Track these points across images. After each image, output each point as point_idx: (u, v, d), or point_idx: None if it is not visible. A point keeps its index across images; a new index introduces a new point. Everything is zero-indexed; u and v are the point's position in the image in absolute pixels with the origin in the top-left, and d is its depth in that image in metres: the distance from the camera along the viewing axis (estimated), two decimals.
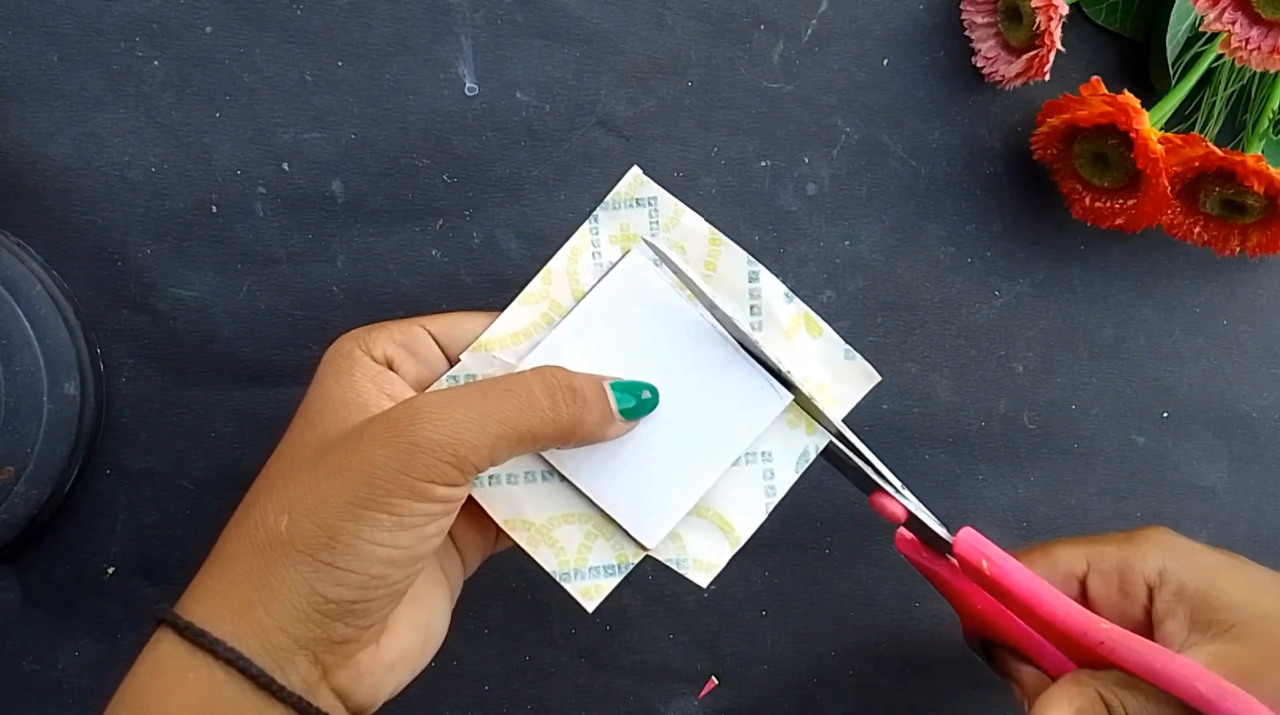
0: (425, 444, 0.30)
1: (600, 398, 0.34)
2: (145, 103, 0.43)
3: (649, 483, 0.36)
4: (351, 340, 0.34)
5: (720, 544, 0.37)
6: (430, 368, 0.35)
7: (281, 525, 0.30)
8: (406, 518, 0.30)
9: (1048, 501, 0.48)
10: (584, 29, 0.45)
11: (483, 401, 0.31)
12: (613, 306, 0.37)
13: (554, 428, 0.32)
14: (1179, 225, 0.45)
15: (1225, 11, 0.39)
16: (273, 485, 0.32)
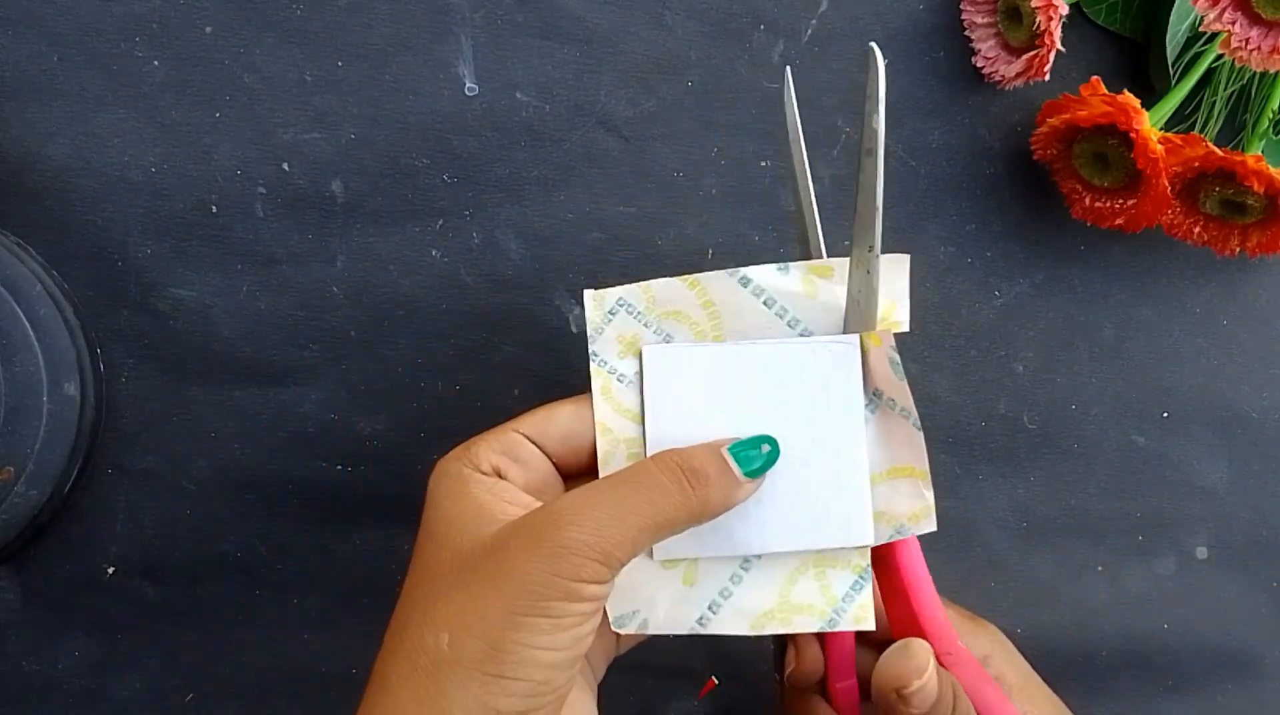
0: (573, 545, 0.31)
1: (721, 467, 0.34)
2: (145, 103, 0.43)
3: (817, 495, 0.36)
4: (455, 461, 0.35)
5: (913, 488, 0.37)
6: (534, 469, 0.35)
7: (444, 644, 0.31)
8: (563, 620, 0.30)
9: (1048, 501, 0.48)
10: (584, 29, 0.45)
11: (616, 497, 0.32)
12: (671, 396, 0.36)
13: (686, 511, 0.33)
14: (1179, 225, 0.45)
15: (1225, 11, 0.39)
16: (423, 607, 0.32)
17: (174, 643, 0.45)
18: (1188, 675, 0.49)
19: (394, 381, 0.45)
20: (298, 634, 0.45)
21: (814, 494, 0.36)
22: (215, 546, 0.45)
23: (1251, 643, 0.49)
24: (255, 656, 0.45)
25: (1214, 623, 0.49)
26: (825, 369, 0.36)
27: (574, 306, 0.45)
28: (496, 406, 0.45)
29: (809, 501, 0.36)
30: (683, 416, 0.36)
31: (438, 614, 0.31)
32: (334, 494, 0.45)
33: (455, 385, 0.45)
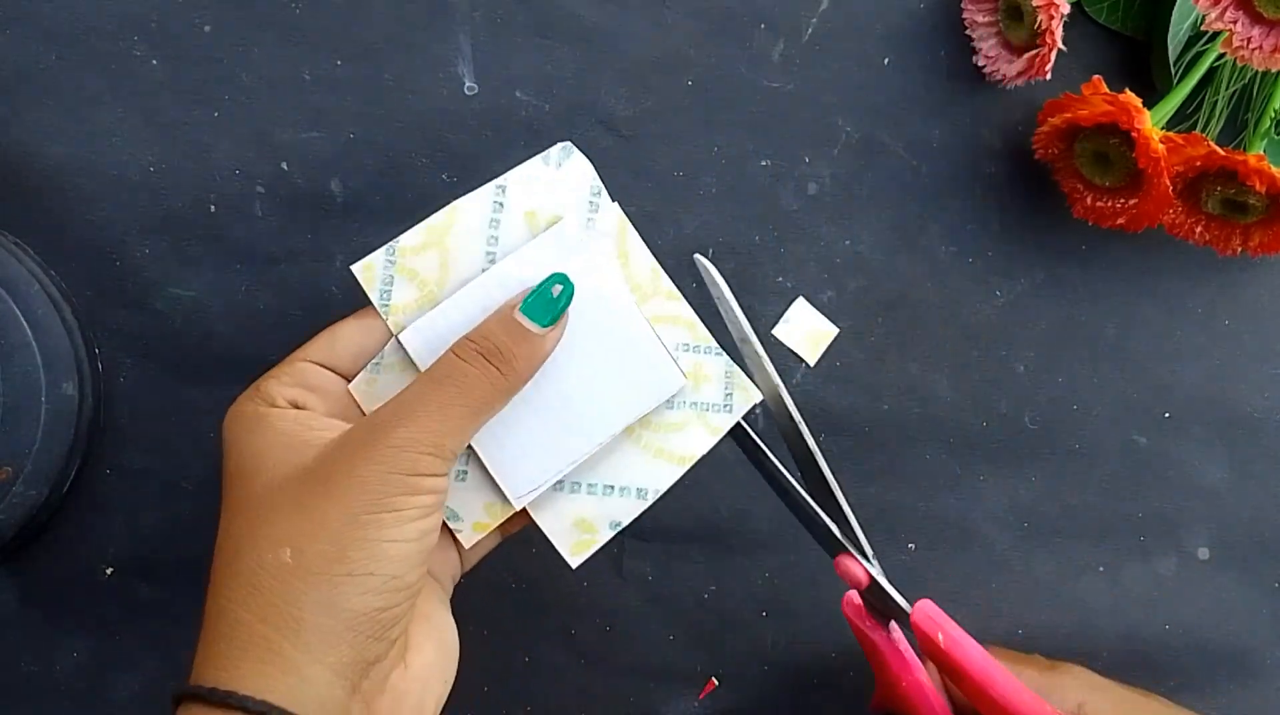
0: (404, 443, 0.31)
1: (518, 334, 0.34)
2: (143, 102, 0.43)
3: (531, 441, 0.36)
4: (248, 401, 0.34)
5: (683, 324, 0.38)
6: (331, 395, 0.35)
7: (285, 557, 0.31)
8: (406, 511, 0.31)
9: (1049, 501, 0.48)
10: (584, 28, 0.45)
11: (432, 395, 0.33)
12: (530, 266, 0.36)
13: (500, 389, 0.34)
14: (1180, 225, 0.45)
15: (1227, 11, 0.39)
16: (252, 531, 0.32)
17: (171, 642, 0.44)
18: (1189, 675, 0.49)
19: None
20: None
21: (616, 367, 0.37)
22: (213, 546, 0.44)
23: (1252, 643, 0.49)
24: None
25: (1215, 623, 0.49)
26: (563, 252, 0.37)
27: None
28: None
29: (614, 375, 0.37)
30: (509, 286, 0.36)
31: (273, 532, 0.31)
32: None
33: None
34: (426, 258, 0.36)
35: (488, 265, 0.37)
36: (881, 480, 0.47)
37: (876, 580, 0.39)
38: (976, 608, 0.48)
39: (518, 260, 0.36)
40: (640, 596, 0.46)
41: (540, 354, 0.35)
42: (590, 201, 0.37)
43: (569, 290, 0.35)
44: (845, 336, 0.47)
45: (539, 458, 0.36)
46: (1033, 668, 0.41)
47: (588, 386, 0.36)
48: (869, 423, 0.47)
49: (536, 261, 0.36)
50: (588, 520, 0.37)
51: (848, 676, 0.47)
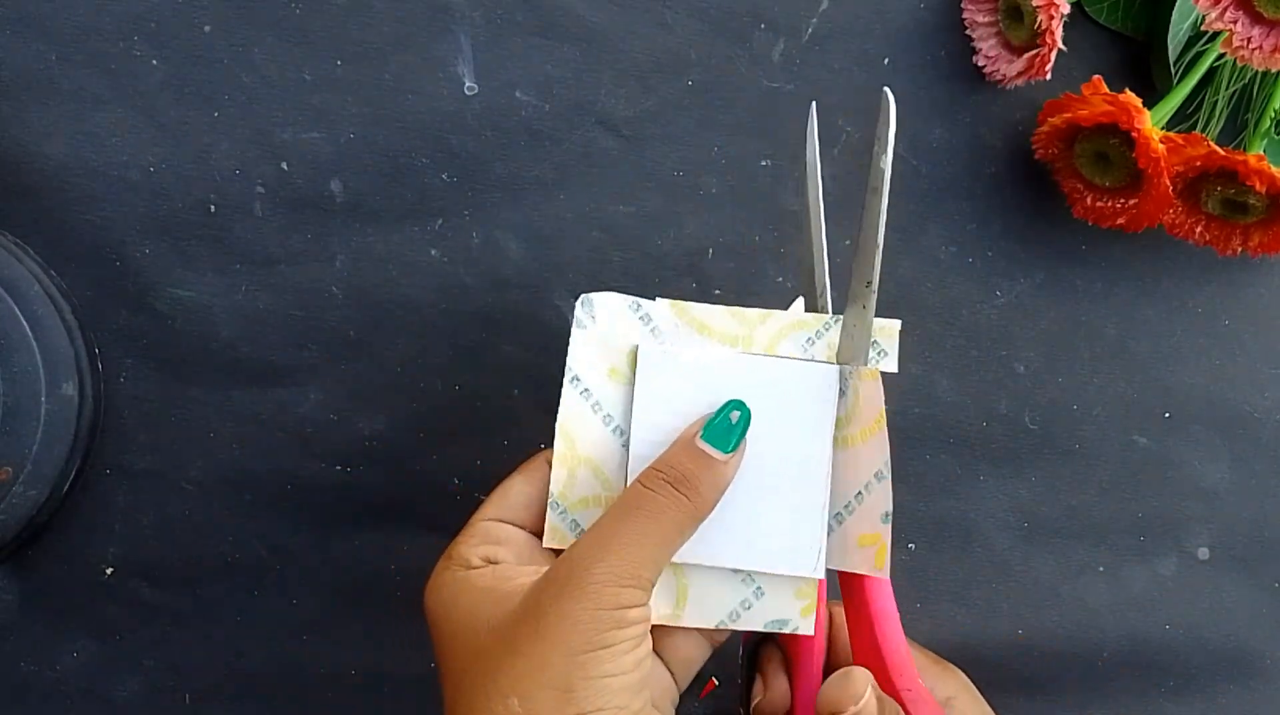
0: (605, 579, 0.32)
1: (702, 461, 0.35)
2: (144, 102, 0.43)
3: (773, 516, 0.36)
4: (444, 570, 0.35)
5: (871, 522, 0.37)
6: (518, 543, 0.36)
7: (514, 707, 0.31)
8: (619, 646, 0.32)
9: (1049, 502, 0.48)
10: (584, 28, 0.45)
11: (626, 527, 0.33)
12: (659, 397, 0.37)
13: (688, 516, 0.34)
14: (1181, 225, 0.45)
15: (1227, 11, 0.39)
16: (475, 688, 0.32)
17: (172, 643, 0.44)
18: (1189, 676, 0.49)
19: (393, 381, 0.45)
20: (296, 634, 0.45)
21: (771, 514, 0.36)
22: (214, 547, 0.45)
23: (1253, 643, 0.49)
24: (254, 657, 0.45)
25: (1216, 623, 0.49)
26: (804, 389, 0.37)
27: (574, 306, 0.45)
28: (495, 406, 0.45)
29: (764, 521, 0.36)
30: (667, 416, 0.36)
31: (496, 686, 0.32)
32: (333, 494, 0.45)
33: (454, 385, 0.45)
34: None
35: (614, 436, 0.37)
36: None
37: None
38: (976, 608, 0.48)
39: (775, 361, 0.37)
40: None
41: (724, 480, 0.35)
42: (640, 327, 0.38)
43: (746, 416, 0.36)
44: None
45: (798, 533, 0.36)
46: (921, 654, 0.42)
47: (780, 444, 0.36)
48: None
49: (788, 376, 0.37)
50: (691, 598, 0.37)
51: None
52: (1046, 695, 0.48)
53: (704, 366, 0.37)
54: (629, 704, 0.32)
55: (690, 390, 0.37)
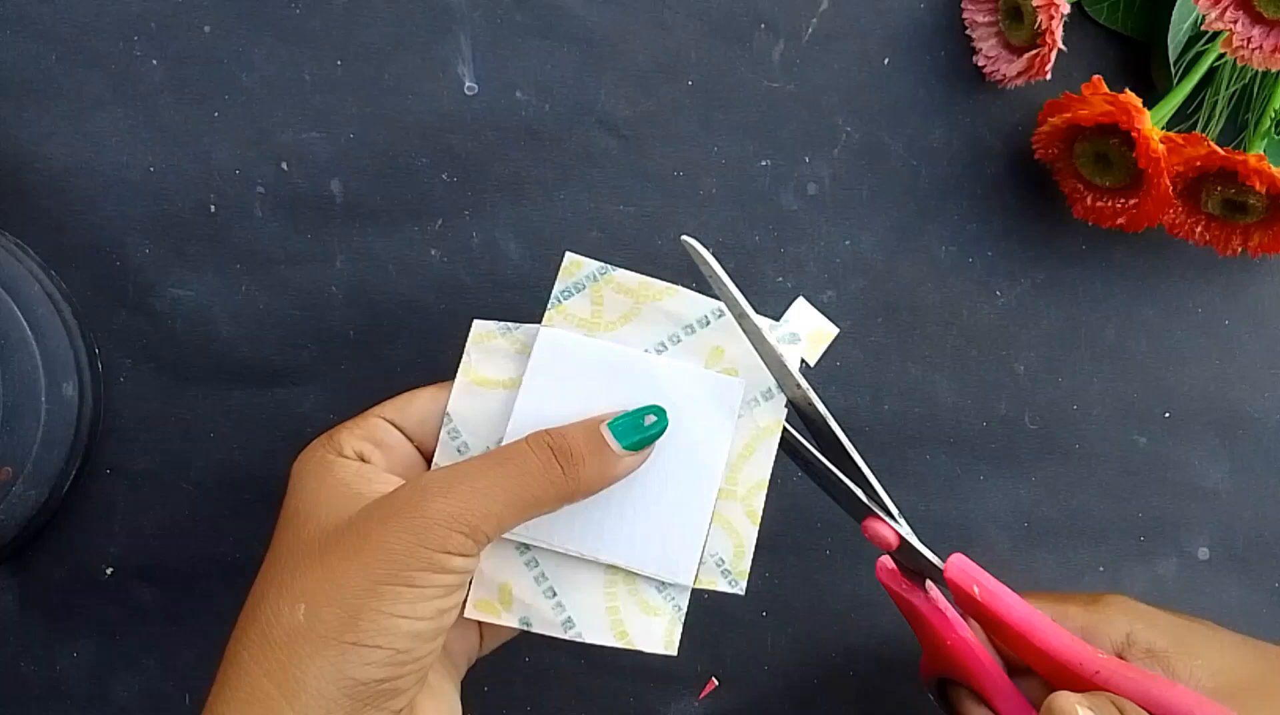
0: (438, 517, 0.31)
1: (596, 445, 0.34)
2: (143, 103, 0.43)
3: (657, 523, 0.35)
4: (319, 447, 0.35)
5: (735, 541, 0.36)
6: (397, 452, 0.36)
7: (299, 615, 0.30)
8: (426, 589, 0.31)
9: (1049, 502, 0.48)
10: (584, 29, 0.45)
11: (485, 474, 0.32)
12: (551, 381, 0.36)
13: (554, 490, 0.33)
14: (1181, 225, 0.45)
15: (1227, 11, 0.39)
16: (279, 581, 0.32)
17: (172, 644, 0.44)
18: None
19: (392, 382, 0.44)
20: None
21: (655, 517, 0.35)
22: (213, 547, 0.45)
23: None
24: None
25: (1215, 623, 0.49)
26: (707, 401, 0.36)
27: None
28: None
29: (649, 523, 0.35)
30: (560, 402, 0.35)
31: (295, 586, 0.31)
32: None
33: None
34: (620, 300, 0.36)
35: (651, 350, 0.36)
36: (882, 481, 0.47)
37: (906, 540, 0.38)
38: None
39: (672, 370, 0.36)
40: None
41: (610, 473, 0.34)
42: (769, 387, 0.37)
43: (661, 426, 0.35)
44: (845, 337, 0.47)
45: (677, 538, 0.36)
46: (1075, 605, 0.40)
47: (623, 509, 0.35)
48: (869, 423, 0.47)
49: (684, 385, 0.36)
50: (512, 595, 0.36)
51: (848, 676, 0.47)
52: None
53: (601, 359, 0.36)
54: (412, 649, 0.31)
55: (588, 381, 0.36)
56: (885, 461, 0.47)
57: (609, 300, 0.37)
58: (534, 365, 0.36)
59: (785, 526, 0.47)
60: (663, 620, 0.36)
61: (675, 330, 0.37)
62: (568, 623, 0.35)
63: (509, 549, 0.36)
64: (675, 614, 0.36)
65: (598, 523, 0.35)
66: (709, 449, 0.36)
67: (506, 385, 0.36)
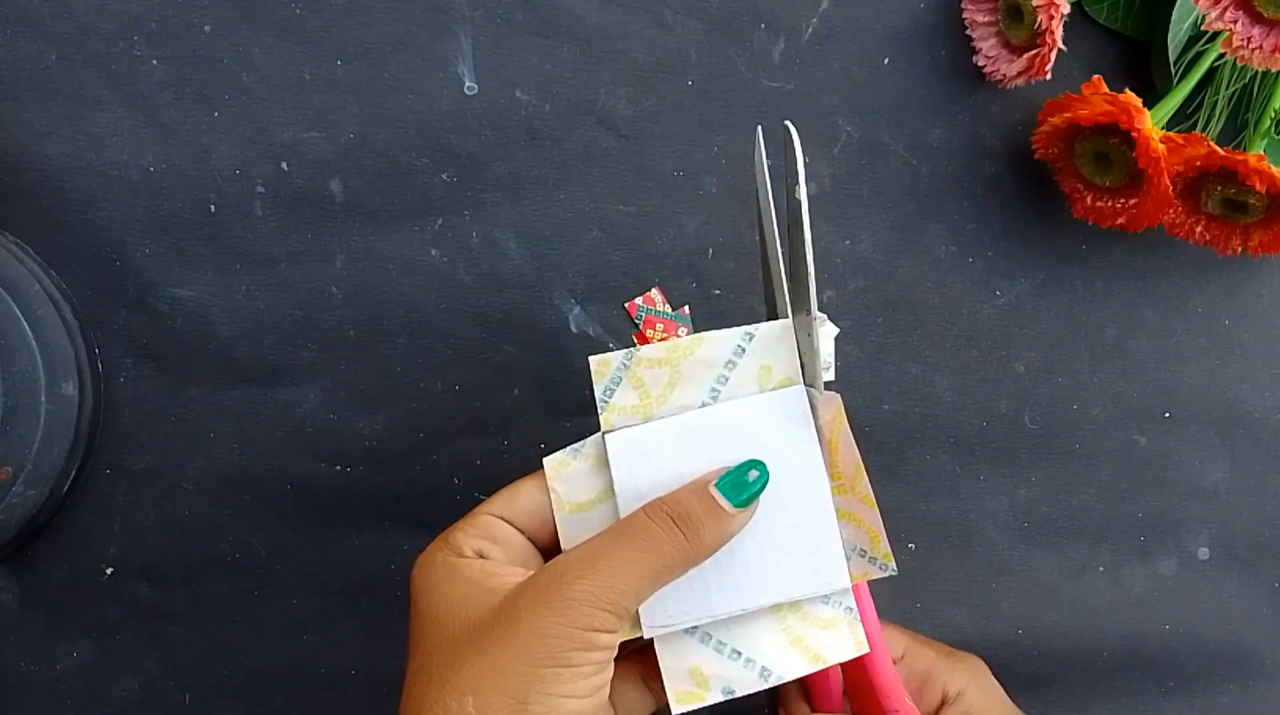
0: (582, 597, 0.32)
1: (709, 506, 0.34)
2: (143, 102, 0.43)
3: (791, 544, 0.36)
4: (436, 551, 0.36)
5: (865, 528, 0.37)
6: (513, 546, 0.36)
7: (469, 706, 0.31)
8: (582, 668, 0.32)
9: (1049, 502, 0.48)
10: (584, 28, 0.45)
11: (615, 549, 0.33)
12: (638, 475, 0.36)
13: (681, 555, 0.34)
14: (1180, 225, 0.45)
15: (1227, 10, 0.39)
16: (439, 678, 0.33)
17: (171, 643, 0.45)
18: (1189, 676, 0.49)
19: (392, 381, 0.45)
20: (296, 634, 0.45)
21: (788, 544, 0.36)
22: (213, 546, 0.45)
23: (1253, 643, 0.49)
24: (253, 656, 0.45)
25: (1215, 623, 0.49)
26: (781, 419, 0.37)
27: (573, 306, 0.45)
28: (495, 406, 0.45)
29: (784, 551, 0.36)
30: (655, 491, 0.36)
31: (457, 680, 0.32)
32: (332, 494, 0.45)
33: (454, 385, 0.45)
34: (658, 373, 0.37)
35: (709, 401, 0.37)
36: (881, 480, 0.47)
37: None
38: (976, 608, 0.48)
39: (740, 407, 0.36)
40: None
41: (727, 531, 0.35)
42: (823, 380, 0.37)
43: (764, 478, 0.35)
44: (845, 336, 0.47)
45: (684, 599, 0.36)
46: (933, 649, 0.43)
47: (756, 551, 0.36)
48: (869, 423, 0.47)
49: (757, 415, 0.36)
50: (704, 675, 0.37)
51: None
52: (1046, 695, 0.48)
53: (672, 434, 0.37)
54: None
55: (672, 460, 0.36)
56: (885, 460, 0.47)
57: (648, 378, 0.37)
58: (617, 473, 0.36)
59: None
60: (842, 627, 0.37)
61: (719, 372, 0.37)
62: (764, 673, 0.36)
63: (680, 637, 0.36)
64: (849, 615, 0.37)
65: (742, 575, 0.36)
66: (804, 459, 0.36)
67: (602, 498, 0.37)
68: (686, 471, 0.36)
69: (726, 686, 0.36)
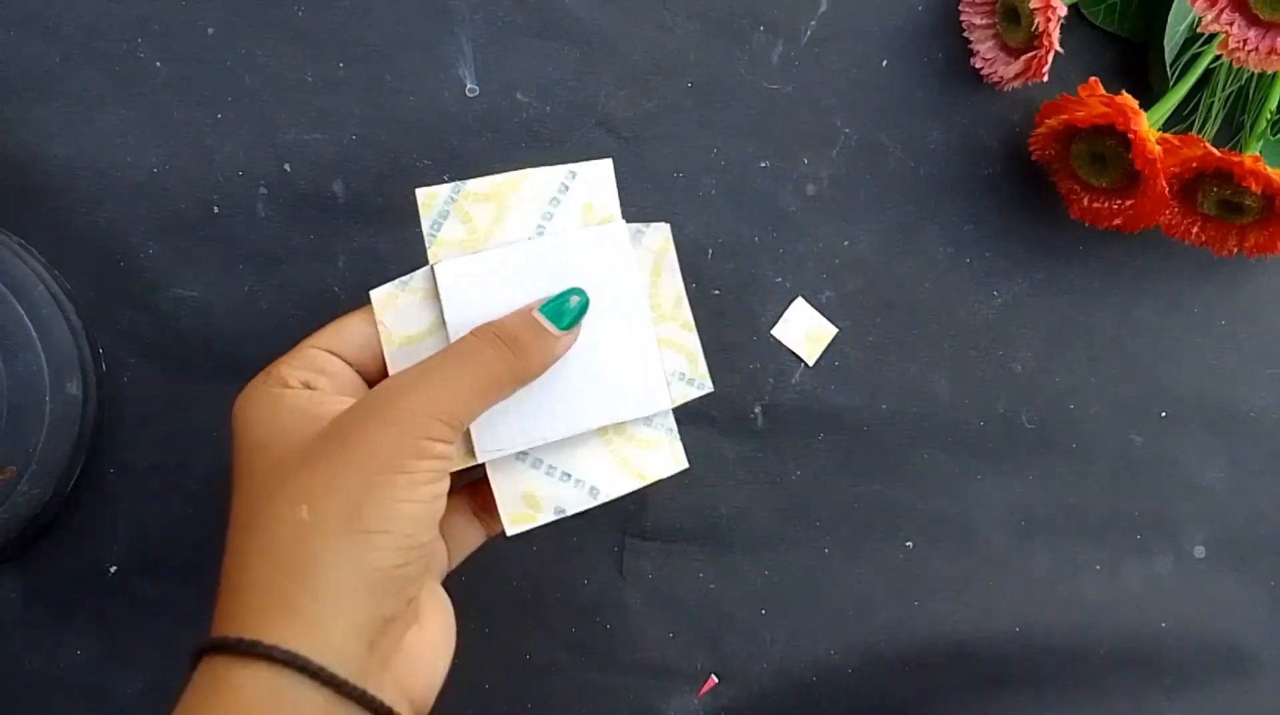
0: (416, 410, 0.32)
1: (535, 328, 0.36)
2: (147, 103, 0.43)
3: (615, 370, 0.38)
4: (260, 385, 0.35)
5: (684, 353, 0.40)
6: (340, 378, 0.36)
7: (302, 514, 0.31)
8: (417, 475, 0.32)
9: (1046, 501, 0.48)
10: (584, 29, 0.45)
11: (447, 368, 0.34)
12: (468, 301, 0.37)
13: (510, 373, 0.35)
14: (1177, 225, 0.45)
15: (1223, 12, 0.39)
16: (269, 491, 0.32)
17: (175, 640, 0.45)
18: (1186, 673, 0.49)
19: None
20: None
21: (612, 370, 0.38)
22: (216, 544, 0.44)
23: (1249, 641, 0.49)
24: None
25: (1212, 621, 0.49)
26: (603, 252, 0.38)
27: None
28: None
29: (608, 377, 0.38)
30: (485, 317, 0.37)
31: (289, 492, 0.32)
32: None
33: None
34: (484, 208, 0.38)
35: (535, 235, 0.38)
36: (880, 479, 0.48)
37: None
38: (974, 605, 0.48)
39: (564, 241, 0.38)
40: (640, 595, 0.47)
41: (552, 353, 0.36)
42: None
43: (584, 303, 0.37)
44: (844, 336, 0.47)
45: (515, 425, 0.37)
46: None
47: (580, 378, 0.38)
48: (868, 422, 0.47)
49: (580, 248, 0.38)
50: (536, 497, 0.38)
51: (847, 675, 0.48)
52: (1044, 692, 0.48)
53: (499, 266, 0.38)
54: (416, 533, 0.32)
55: (499, 290, 0.37)
56: (883, 460, 0.47)
57: (475, 212, 0.38)
58: (447, 302, 0.37)
59: (784, 524, 0.47)
60: (664, 447, 0.39)
61: (544, 208, 0.38)
62: (592, 491, 0.38)
63: (511, 462, 0.38)
64: (670, 436, 0.39)
65: (569, 401, 0.38)
66: (625, 290, 0.38)
67: (432, 332, 0.38)
68: (515, 302, 0.37)
69: (558, 506, 0.38)
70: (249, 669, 0.30)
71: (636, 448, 0.39)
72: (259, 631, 0.30)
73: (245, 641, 0.30)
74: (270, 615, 0.30)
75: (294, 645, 0.30)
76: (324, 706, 0.30)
